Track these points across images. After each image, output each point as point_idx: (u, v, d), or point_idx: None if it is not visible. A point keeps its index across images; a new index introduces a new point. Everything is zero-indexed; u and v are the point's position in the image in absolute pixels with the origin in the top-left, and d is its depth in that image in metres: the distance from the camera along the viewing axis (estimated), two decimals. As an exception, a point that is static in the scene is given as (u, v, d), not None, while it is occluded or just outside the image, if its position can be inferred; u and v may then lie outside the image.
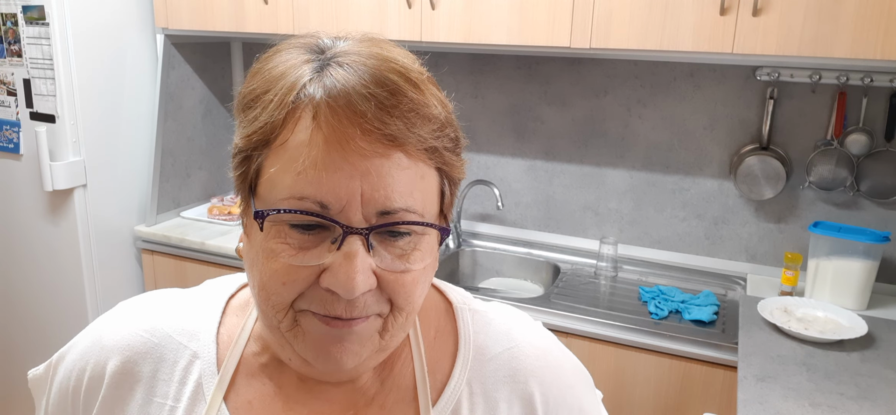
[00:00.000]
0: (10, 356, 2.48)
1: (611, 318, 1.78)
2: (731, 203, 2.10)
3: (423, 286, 0.57)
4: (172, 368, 0.62)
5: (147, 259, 2.39)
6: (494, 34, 1.89)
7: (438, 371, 0.64)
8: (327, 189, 0.50)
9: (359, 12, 2.03)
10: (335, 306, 0.52)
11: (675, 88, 2.10)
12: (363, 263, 0.51)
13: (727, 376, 1.66)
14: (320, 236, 0.52)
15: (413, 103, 0.53)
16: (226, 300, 0.66)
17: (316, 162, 0.50)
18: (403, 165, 0.52)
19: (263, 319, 0.57)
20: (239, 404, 0.61)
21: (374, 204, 0.51)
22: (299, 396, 0.61)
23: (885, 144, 1.89)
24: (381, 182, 0.51)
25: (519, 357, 0.65)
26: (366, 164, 0.50)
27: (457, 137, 0.59)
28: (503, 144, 2.36)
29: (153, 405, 0.61)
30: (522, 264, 2.29)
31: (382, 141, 0.51)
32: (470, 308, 0.68)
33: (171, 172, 2.45)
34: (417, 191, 0.53)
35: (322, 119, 0.50)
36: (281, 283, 0.52)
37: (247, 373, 0.62)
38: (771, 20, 1.61)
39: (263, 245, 0.53)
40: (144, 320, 0.65)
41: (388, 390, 0.62)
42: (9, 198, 2.32)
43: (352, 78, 0.51)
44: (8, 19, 2.14)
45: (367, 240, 0.52)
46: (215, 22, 2.23)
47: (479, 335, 0.66)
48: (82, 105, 2.16)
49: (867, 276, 1.79)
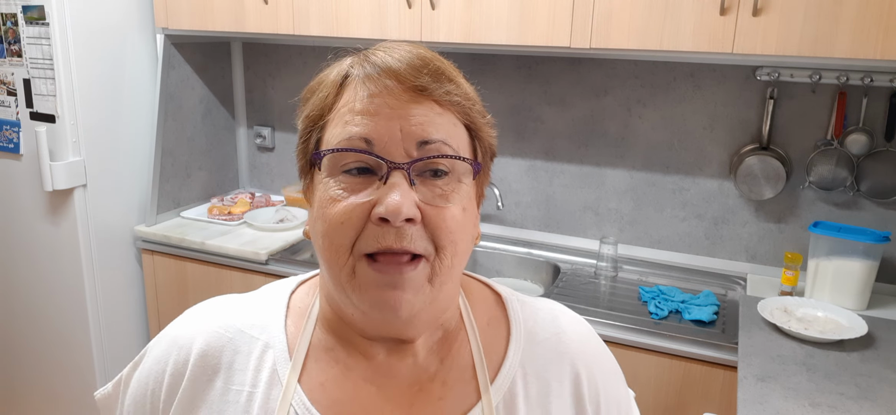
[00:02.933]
0: (10, 356, 2.48)
1: (611, 318, 1.78)
2: (731, 203, 2.10)
3: (464, 233, 0.63)
4: (247, 358, 0.67)
5: (147, 259, 2.39)
6: (494, 34, 1.89)
7: (493, 353, 0.70)
8: (371, 128, 0.60)
9: (359, 12, 2.03)
10: (386, 238, 0.59)
11: (675, 88, 2.10)
12: (406, 192, 0.59)
13: (727, 376, 1.66)
14: (369, 179, 0.60)
15: (441, 67, 0.64)
16: (288, 295, 0.73)
17: (361, 110, 0.60)
18: (436, 111, 0.62)
19: (328, 273, 0.63)
20: (312, 385, 0.66)
21: (413, 137, 0.60)
22: (367, 374, 0.67)
23: (885, 144, 1.89)
24: (417, 120, 0.60)
25: (565, 341, 0.72)
26: (402, 108, 0.60)
27: (485, 112, 0.68)
28: (503, 144, 2.36)
29: (231, 393, 0.66)
30: (522, 264, 2.29)
31: (415, 90, 0.61)
32: (518, 299, 0.76)
33: (171, 172, 2.45)
34: (451, 136, 0.62)
35: (365, 82, 0.61)
36: (340, 223, 0.60)
37: (316, 358, 0.68)
38: (771, 20, 1.61)
39: (323, 197, 0.62)
40: (217, 319, 0.71)
41: (448, 368, 0.68)
42: (9, 198, 2.32)
43: (389, 58, 0.62)
44: (8, 19, 2.14)
45: (408, 175, 0.60)
46: (215, 22, 2.23)
47: (528, 322, 0.73)
48: (82, 105, 2.16)
49: (867, 276, 1.79)
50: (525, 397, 0.68)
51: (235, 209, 2.48)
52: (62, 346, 2.34)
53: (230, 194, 2.69)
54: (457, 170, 0.62)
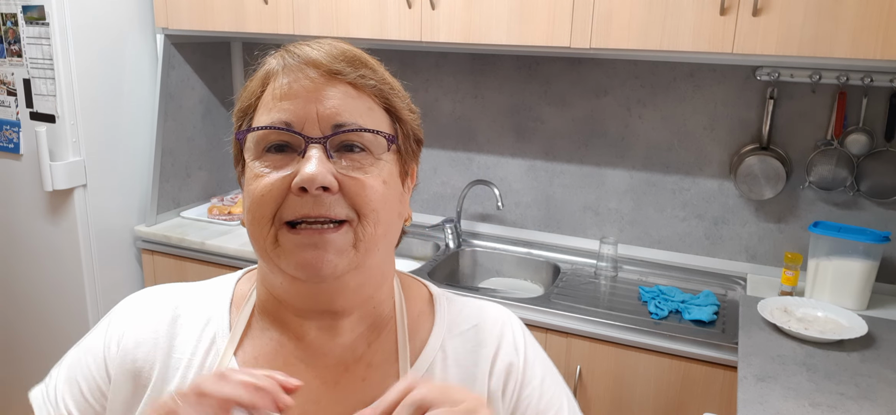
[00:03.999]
0: (10, 356, 2.48)
1: (611, 318, 1.78)
2: (731, 203, 2.10)
3: (387, 205, 0.67)
4: (190, 331, 0.73)
5: (147, 259, 2.39)
6: (494, 34, 1.89)
7: (418, 341, 0.75)
8: (290, 112, 0.65)
9: (359, 12, 2.03)
10: (305, 206, 0.63)
11: (675, 88, 2.10)
12: (322, 162, 0.63)
13: (727, 376, 1.66)
14: (290, 156, 0.65)
15: (359, 55, 0.69)
16: (234, 284, 0.79)
17: (281, 96, 0.66)
18: (351, 95, 0.66)
19: (255, 245, 0.68)
20: (246, 358, 0.72)
21: (328, 120, 0.65)
22: (298, 353, 0.72)
23: (885, 144, 1.89)
24: (332, 103, 0.65)
25: (485, 334, 0.77)
26: (319, 91, 0.65)
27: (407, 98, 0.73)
28: (503, 144, 2.36)
29: (173, 359, 0.72)
30: (522, 264, 2.29)
31: (331, 75, 0.66)
32: (447, 298, 0.81)
33: (171, 172, 2.45)
34: (365, 117, 0.66)
35: (286, 72, 0.66)
36: (261, 195, 0.64)
37: (252, 337, 0.73)
38: (771, 20, 1.61)
39: (249, 176, 0.67)
40: (168, 297, 0.77)
41: (374, 352, 0.73)
42: (9, 198, 2.32)
43: (308, 49, 0.67)
44: (8, 19, 2.14)
45: (325, 148, 0.64)
46: (215, 22, 2.23)
47: (452, 315, 0.78)
48: (82, 105, 2.16)
49: (867, 276, 1.79)
50: (443, 378, 0.73)
51: (235, 209, 2.48)
52: (62, 346, 2.33)
53: (230, 194, 2.69)
54: (373, 146, 0.67)
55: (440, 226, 2.37)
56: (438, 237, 2.39)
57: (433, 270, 2.14)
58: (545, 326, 1.82)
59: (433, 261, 2.21)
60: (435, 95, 2.41)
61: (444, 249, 2.32)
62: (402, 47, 2.26)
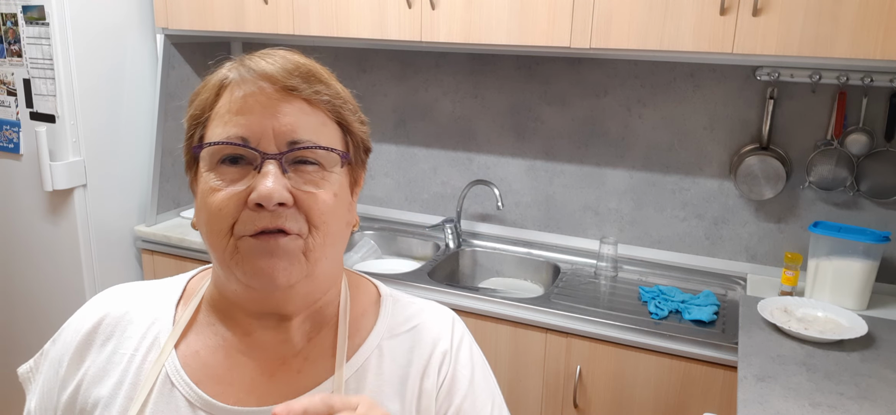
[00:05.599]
0: (9, 356, 2.48)
1: (611, 318, 1.78)
2: (731, 203, 2.10)
3: (335, 216, 0.70)
4: (137, 329, 0.76)
5: (147, 259, 2.39)
6: (494, 34, 1.89)
7: (357, 338, 0.77)
8: (245, 127, 0.66)
9: (359, 12, 2.03)
10: (262, 220, 0.65)
11: (675, 88, 2.10)
12: (278, 178, 0.65)
13: (727, 376, 1.66)
14: (245, 170, 0.67)
15: (313, 70, 0.70)
16: (186, 281, 0.82)
17: (236, 110, 0.67)
18: (305, 111, 0.68)
19: (213, 255, 0.70)
20: (188, 352, 0.75)
21: (284, 136, 0.66)
22: (240, 347, 0.74)
23: (885, 144, 1.89)
24: (287, 120, 0.67)
25: (420, 336, 0.78)
26: (275, 107, 0.67)
27: (357, 110, 0.75)
28: (503, 144, 2.36)
29: (117, 355, 0.75)
30: (522, 264, 2.29)
31: (286, 91, 0.67)
32: (393, 298, 0.83)
33: (171, 172, 2.45)
34: (319, 133, 0.68)
35: (240, 84, 0.67)
36: (218, 210, 0.66)
37: (198, 331, 0.76)
38: (771, 20, 1.61)
39: (204, 188, 0.68)
40: (121, 296, 0.80)
41: (312, 346, 0.75)
42: (9, 198, 2.32)
43: (263, 62, 0.68)
44: (8, 19, 2.14)
45: (281, 164, 0.66)
46: (215, 22, 2.23)
47: (394, 316, 0.80)
48: (82, 105, 2.16)
49: (867, 276, 1.79)
50: (377, 374, 0.75)
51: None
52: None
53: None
54: (326, 161, 0.69)
55: (440, 226, 2.37)
56: (438, 237, 2.39)
57: (433, 270, 2.14)
58: (545, 326, 1.82)
59: (433, 261, 2.21)
60: (435, 95, 2.41)
61: (444, 249, 2.32)
62: (402, 47, 2.26)
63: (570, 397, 1.84)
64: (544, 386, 1.86)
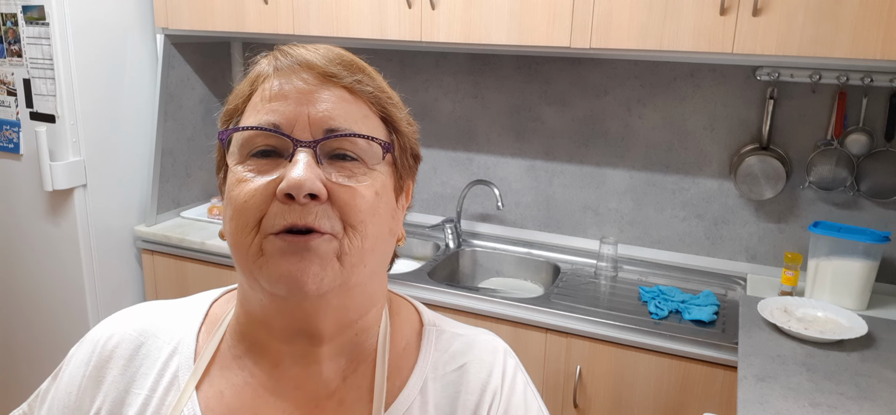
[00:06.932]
0: (10, 356, 2.48)
1: (611, 318, 1.78)
2: (731, 203, 2.10)
3: (377, 218, 0.61)
4: (154, 363, 0.68)
5: (147, 259, 2.39)
6: (494, 34, 1.89)
7: (398, 379, 0.68)
8: (279, 113, 0.60)
9: (359, 12, 2.03)
10: (291, 214, 0.57)
11: (675, 88, 2.10)
12: (311, 167, 0.58)
13: (727, 376, 1.66)
14: (277, 161, 0.60)
15: (355, 61, 0.64)
16: (209, 304, 0.73)
17: (271, 97, 0.61)
18: (346, 99, 0.62)
19: (236, 258, 0.62)
20: (210, 393, 0.66)
21: (320, 124, 0.60)
22: (269, 384, 0.66)
23: (885, 144, 1.89)
24: (324, 106, 0.60)
25: (469, 377, 0.69)
26: (311, 94, 0.60)
27: (404, 108, 0.68)
28: (503, 144, 2.36)
29: (131, 395, 0.67)
30: (522, 264, 2.29)
31: (325, 77, 0.61)
32: (438, 328, 0.73)
33: (171, 172, 2.45)
34: (360, 124, 0.62)
35: (277, 74, 0.62)
36: (245, 202, 0.59)
37: (221, 365, 0.67)
38: (771, 20, 1.61)
39: (231, 181, 0.61)
40: (134, 322, 0.71)
41: (348, 387, 0.66)
42: (9, 198, 2.32)
43: (303, 50, 0.63)
44: (8, 19, 2.14)
45: (315, 153, 0.59)
46: (215, 22, 2.23)
47: (437, 353, 0.70)
48: (82, 105, 2.16)
49: (867, 276, 1.79)
50: None
51: (235, 209, 2.47)
52: (62, 346, 2.34)
53: (230, 194, 2.69)
54: (367, 155, 0.61)
55: (440, 226, 2.37)
56: (438, 237, 2.39)
57: (433, 270, 2.14)
58: (545, 326, 1.82)
59: (433, 261, 2.22)
60: (435, 95, 2.41)
61: (444, 249, 2.32)
62: (402, 47, 2.26)
63: (570, 396, 1.84)
64: (544, 386, 1.86)
